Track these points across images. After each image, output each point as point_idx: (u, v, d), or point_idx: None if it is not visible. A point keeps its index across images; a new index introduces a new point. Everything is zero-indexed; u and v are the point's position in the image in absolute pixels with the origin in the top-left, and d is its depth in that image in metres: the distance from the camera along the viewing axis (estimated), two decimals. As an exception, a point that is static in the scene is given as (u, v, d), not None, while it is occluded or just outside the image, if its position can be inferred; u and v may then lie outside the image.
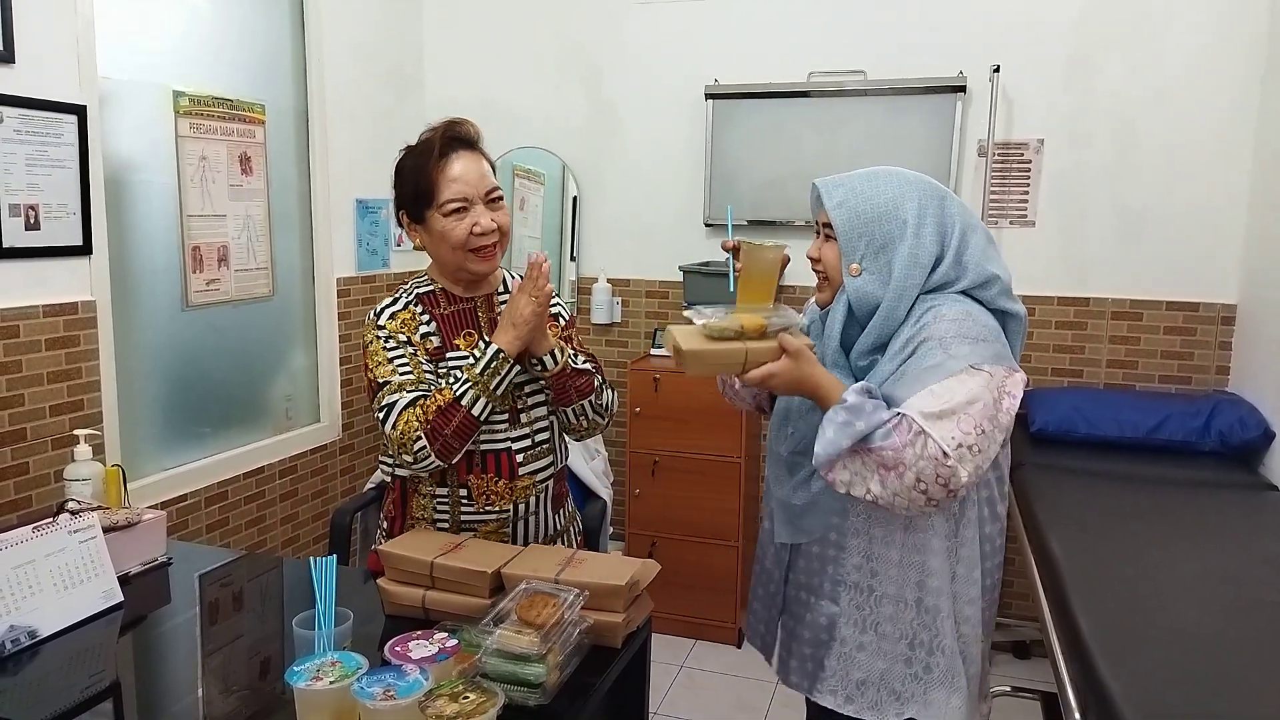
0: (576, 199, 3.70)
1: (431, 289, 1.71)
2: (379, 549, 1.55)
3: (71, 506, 1.67)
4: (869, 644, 1.44)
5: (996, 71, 3.07)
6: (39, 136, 2.16)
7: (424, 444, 1.54)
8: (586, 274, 3.71)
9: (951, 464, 1.26)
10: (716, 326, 1.40)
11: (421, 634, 1.24)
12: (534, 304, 1.58)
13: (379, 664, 1.18)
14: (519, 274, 1.69)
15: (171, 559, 1.75)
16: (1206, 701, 1.42)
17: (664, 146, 3.56)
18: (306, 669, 1.15)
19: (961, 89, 3.15)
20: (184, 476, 2.66)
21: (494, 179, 1.67)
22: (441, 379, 1.63)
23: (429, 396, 1.57)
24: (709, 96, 3.42)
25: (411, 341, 1.64)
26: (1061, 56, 3.11)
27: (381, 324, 1.65)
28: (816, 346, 1.47)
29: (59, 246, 2.22)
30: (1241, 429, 2.72)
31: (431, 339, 1.66)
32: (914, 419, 1.28)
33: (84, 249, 2.29)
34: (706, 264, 3.31)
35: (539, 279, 1.59)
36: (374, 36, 3.45)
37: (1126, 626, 1.67)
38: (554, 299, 1.71)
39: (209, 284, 2.75)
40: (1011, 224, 3.22)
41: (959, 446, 1.27)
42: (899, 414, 1.30)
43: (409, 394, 1.58)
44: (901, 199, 1.41)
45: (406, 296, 1.69)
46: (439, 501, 1.68)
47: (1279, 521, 2.29)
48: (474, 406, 1.56)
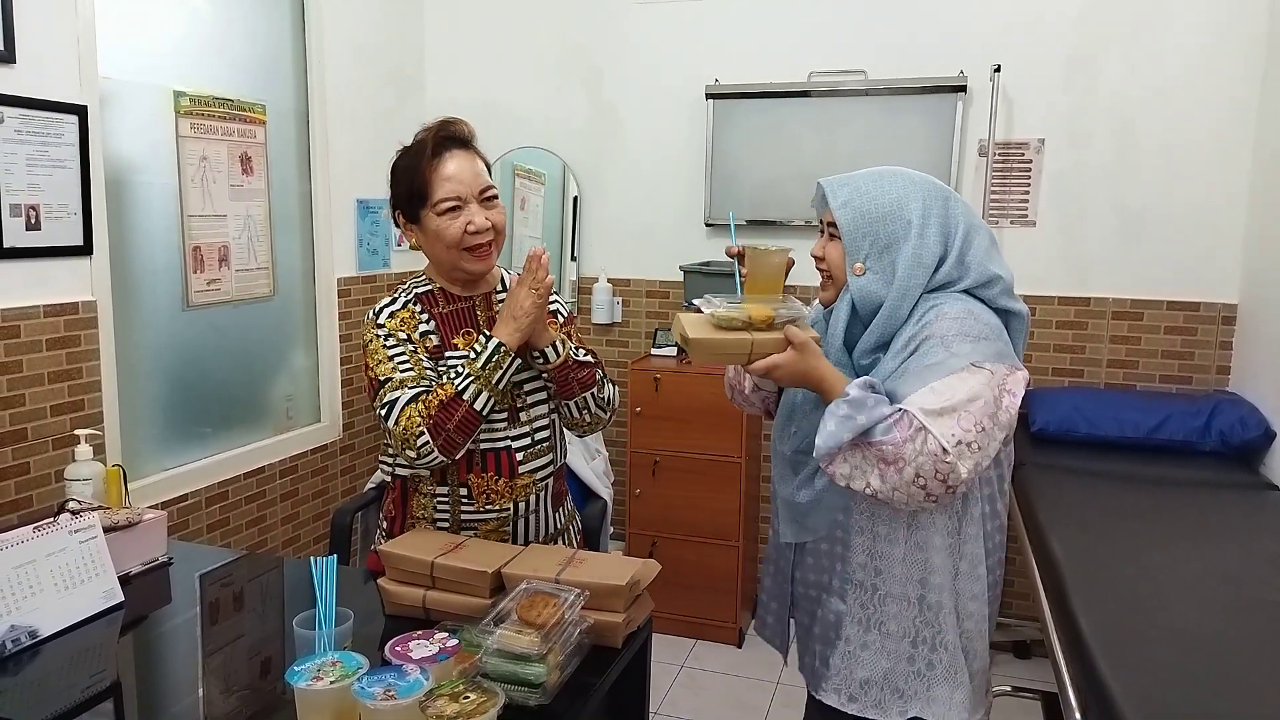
0: (577, 199, 3.70)
1: (430, 288, 1.71)
2: (379, 549, 1.55)
3: (72, 506, 1.67)
4: (873, 643, 1.45)
5: (997, 71, 3.07)
6: (40, 137, 2.16)
7: (427, 439, 1.54)
8: (587, 274, 3.71)
9: (951, 460, 1.27)
10: (724, 316, 1.40)
11: (422, 634, 1.24)
12: (534, 296, 1.58)
13: (379, 664, 1.18)
14: (518, 273, 1.69)
15: (172, 559, 1.75)
16: (1207, 701, 1.42)
17: (664, 146, 3.56)
18: (307, 669, 1.15)
19: (962, 89, 3.15)
20: (185, 476, 2.66)
21: (488, 178, 1.67)
22: (442, 376, 1.63)
23: (431, 392, 1.57)
24: (709, 96, 3.42)
25: (411, 339, 1.64)
26: (1061, 56, 3.11)
27: (381, 322, 1.65)
28: (822, 340, 1.47)
29: (60, 247, 2.22)
30: (1242, 429, 2.72)
31: (430, 338, 1.66)
32: (915, 415, 1.29)
33: (85, 249, 2.29)
34: (707, 264, 3.31)
35: (539, 271, 1.59)
36: (374, 37, 3.46)
37: (1127, 626, 1.67)
38: (553, 297, 1.71)
39: (210, 284, 2.75)
40: (1012, 224, 3.22)
41: (959, 443, 1.27)
42: (900, 409, 1.31)
43: (411, 390, 1.57)
44: (906, 199, 1.41)
45: (405, 296, 1.69)
46: (439, 501, 1.68)
47: (1279, 521, 2.29)
48: (476, 401, 1.56)
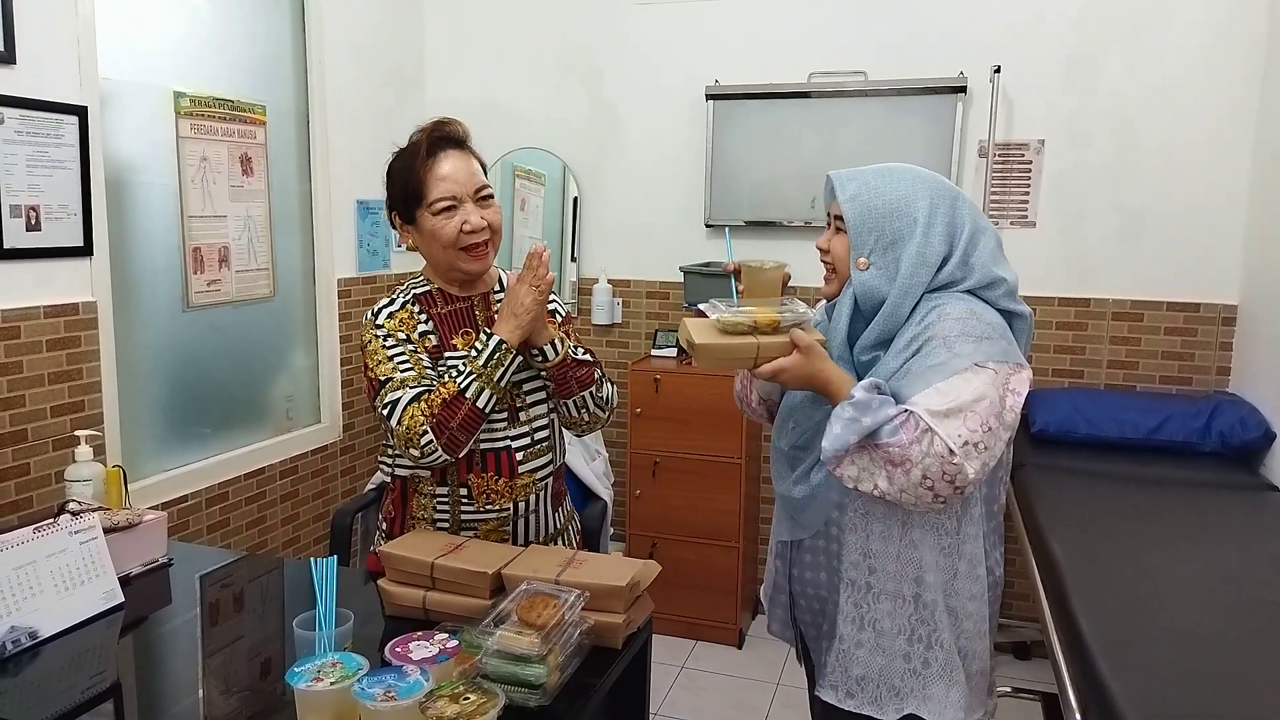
0: (577, 199, 3.70)
1: (428, 289, 1.71)
2: (379, 550, 1.55)
3: (72, 507, 1.67)
4: (867, 640, 1.45)
5: (997, 72, 3.07)
6: (40, 137, 2.16)
7: (430, 438, 1.54)
8: (587, 275, 3.71)
9: (958, 461, 1.27)
10: (730, 320, 1.40)
11: (422, 635, 1.24)
12: (534, 293, 1.58)
13: (379, 665, 1.18)
14: (518, 273, 1.69)
15: (172, 560, 1.75)
16: (1207, 702, 1.42)
17: (664, 147, 3.56)
18: (307, 670, 1.15)
19: (962, 89, 3.15)
20: (185, 477, 2.66)
21: (484, 177, 1.67)
22: (442, 376, 1.62)
23: (433, 391, 1.57)
24: (709, 97, 3.42)
25: (410, 339, 1.64)
26: (1061, 57, 3.11)
27: (380, 323, 1.65)
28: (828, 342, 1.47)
29: (60, 247, 2.22)
30: (1242, 429, 2.72)
31: (429, 338, 1.66)
32: (921, 416, 1.29)
33: (85, 250, 2.29)
34: (707, 264, 3.31)
35: (539, 268, 1.59)
36: (374, 37, 3.46)
37: (1127, 627, 1.67)
38: (551, 297, 1.71)
39: (210, 285, 2.75)
40: (1012, 224, 3.22)
41: (965, 444, 1.27)
42: (906, 410, 1.30)
43: (412, 390, 1.57)
44: (914, 196, 1.41)
45: (404, 297, 1.69)
46: (439, 501, 1.68)
47: (1279, 522, 2.29)
48: (479, 398, 1.56)
